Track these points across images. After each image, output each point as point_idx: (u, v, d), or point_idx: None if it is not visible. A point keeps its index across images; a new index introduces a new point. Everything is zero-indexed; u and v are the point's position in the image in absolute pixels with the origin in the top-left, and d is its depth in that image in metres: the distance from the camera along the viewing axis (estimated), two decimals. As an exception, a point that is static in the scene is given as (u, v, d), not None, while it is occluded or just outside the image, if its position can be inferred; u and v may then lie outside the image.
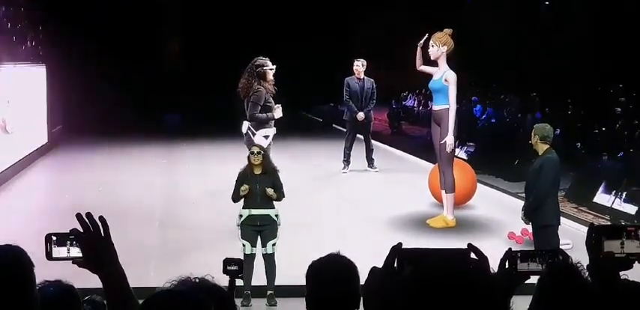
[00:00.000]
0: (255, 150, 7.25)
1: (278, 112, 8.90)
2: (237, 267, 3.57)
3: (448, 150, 9.09)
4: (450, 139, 9.02)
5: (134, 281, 2.29)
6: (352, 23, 24.66)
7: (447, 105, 9.09)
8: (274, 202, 7.16)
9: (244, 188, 7.05)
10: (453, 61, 9.24)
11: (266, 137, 8.77)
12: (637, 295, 2.53)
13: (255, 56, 9.08)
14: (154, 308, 1.89)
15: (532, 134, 7.07)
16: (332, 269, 2.77)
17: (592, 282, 2.44)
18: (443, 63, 9.14)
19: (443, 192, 9.31)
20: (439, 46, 9.05)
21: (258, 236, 7.03)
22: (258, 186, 7.06)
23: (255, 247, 7.01)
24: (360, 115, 12.32)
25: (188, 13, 25.07)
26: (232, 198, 7.21)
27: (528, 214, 7.06)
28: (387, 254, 2.18)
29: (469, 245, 2.14)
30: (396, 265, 2.09)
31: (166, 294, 1.96)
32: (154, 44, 24.73)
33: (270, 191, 7.04)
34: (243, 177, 7.20)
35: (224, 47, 22.14)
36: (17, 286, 2.14)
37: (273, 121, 8.97)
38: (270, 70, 8.93)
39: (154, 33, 24.61)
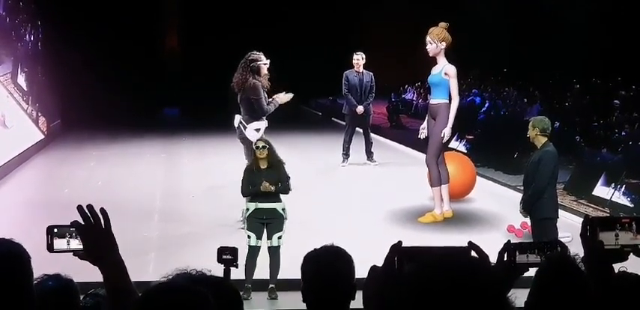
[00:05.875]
0: (260, 144, 7.22)
1: (282, 96, 8.86)
2: (232, 256, 3.53)
3: (444, 140, 9.10)
4: (447, 131, 9.01)
5: (132, 274, 2.29)
6: (352, 16, 24.61)
7: (444, 99, 9.06)
8: (281, 195, 7.14)
9: (266, 185, 6.99)
10: (450, 55, 9.17)
11: (257, 130, 8.70)
12: (634, 287, 2.53)
13: (255, 50, 9.05)
14: (153, 301, 1.88)
15: (530, 127, 7.06)
16: (325, 257, 2.75)
17: (587, 274, 2.44)
18: (442, 58, 9.08)
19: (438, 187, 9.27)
20: (437, 42, 8.96)
21: (264, 229, 7.01)
22: (265, 180, 7.05)
23: (261, 239, 6.95)
24: (360, 109, 12.30)
25: (188, 7, 25.02)
26: (242, 192, 7.22)
27: (527, 207, 7.05)
28: (386, 250, 2.18)
29: (469, 243, 2.14)
30: (396, 264, 2.09)
31: (165, 286, 1.95)
32: (153, 38, 24.68)
33: (268, 186, 7.02)
34: (250, 171, 7.20)
35: (223, 41, 22.07)
36: (13, 281, 2.13)
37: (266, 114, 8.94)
38: (264, 64, 8.90)
39: (153, 26, 24.56)
